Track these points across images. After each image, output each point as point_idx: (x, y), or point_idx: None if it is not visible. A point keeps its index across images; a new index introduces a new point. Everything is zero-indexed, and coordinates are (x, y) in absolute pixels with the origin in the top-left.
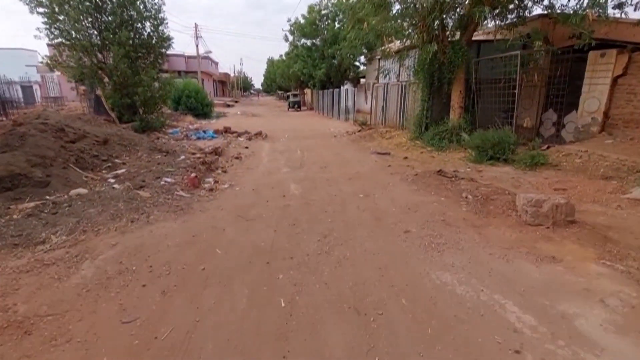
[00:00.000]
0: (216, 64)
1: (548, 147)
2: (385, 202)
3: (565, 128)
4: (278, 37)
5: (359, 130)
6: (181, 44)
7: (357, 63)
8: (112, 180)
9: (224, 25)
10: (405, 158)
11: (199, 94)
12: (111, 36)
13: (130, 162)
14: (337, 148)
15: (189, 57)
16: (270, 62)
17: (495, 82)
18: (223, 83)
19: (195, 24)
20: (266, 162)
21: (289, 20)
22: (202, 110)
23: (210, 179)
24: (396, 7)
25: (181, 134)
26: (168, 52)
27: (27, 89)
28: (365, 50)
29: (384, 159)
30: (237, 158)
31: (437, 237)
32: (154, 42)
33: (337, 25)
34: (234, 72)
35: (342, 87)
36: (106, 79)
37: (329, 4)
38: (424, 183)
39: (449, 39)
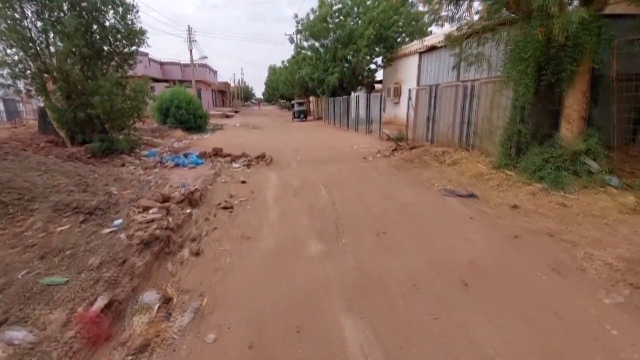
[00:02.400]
0: (215, 72)
1: None
2: None
3: None
4: (279, 41)
5: (394, 149)
6: (177, 53)
7: (372, 66)
8: None
9: (225, 36)
10: (515, 207)
11: (190, 104)
12: (53, 24)
13: None
14: (380, 182)
15: (185, 65)
16: (272, 70)
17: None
18: (223, 93)
19: (189, 26)
20: (275, 220)
21: (296, 16)
22: (194, 122)
23: (152, 296)
24: None
25: (158, 157)
26: (163, 60)
27: (9, 102)
28: (383, 50)
29: (479, 211)
30: (225, 209)
31: None
32: (119, 36)
33: (351, 23)
34: (234, 81)
35: (354, 94)
36: (54, 86)
37: None
38: None
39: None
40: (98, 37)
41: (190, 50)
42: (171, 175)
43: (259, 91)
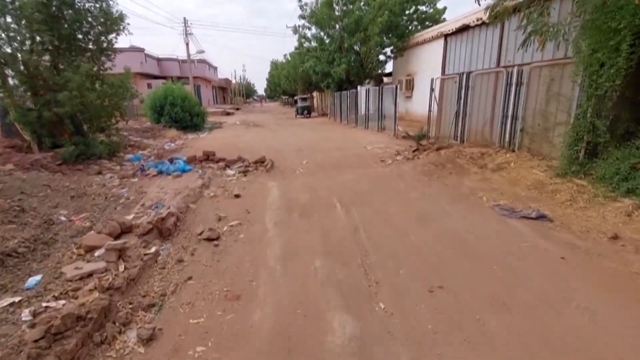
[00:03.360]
0: (215, 68)
1: None
2: None
3: None
4: (281, 33)
5: (416, 150)
6: (174, 46)
7: (381, 57)
8: None
9: (226, 30)
10: (615, 238)
11: (186, 101)
12: (13, 7)
13: None
14: (411, 195)
15: (183, 61)
16: (274, 65)
17: None
18: (223, 89)
19: (185, 18)
20: (276, 263)
21: (300, 0)
22: (191, 121)
23: None
24: None
25: (140, 163)
26: (160, 56)
27: None
28: (395, 39)
29: (566, 244)
30: (209, 240)
31: None
32: (94, 22)
33: (357, 12)
34: (235, 78)
35: (361, 87)
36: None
37: None
38: None
39: None
40: (67, 22)
41: (187, 44)
42: (150, 186)
43: (260, 87)
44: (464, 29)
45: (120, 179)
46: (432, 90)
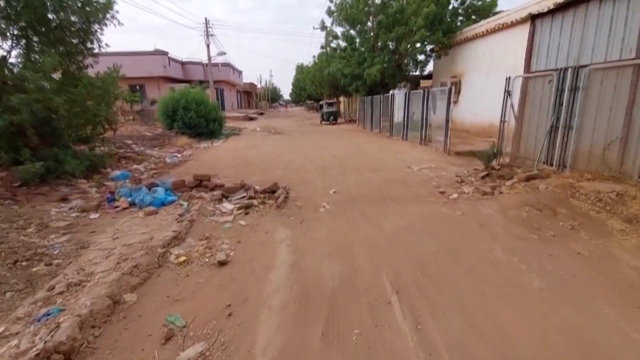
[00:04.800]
0: (240, 72)
1: None
2: None
3: None
4: (308, 34)
5: (486, 175)
6: (196, 48)
7: (420, 56)
8: None
9: (254, 38)
10: None
11: (201, 105)
12: None
13: None
14: (528, 280)
15: (208, 64)
16: (300, 69)
17: None
18: (248, 94)
19: (206, 18)
20: None
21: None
22: (206, 127)
23: None
24: None
25: (114, 188)
26: (184, 59)
27: None
28: (441, 35)
29: None
30: None
31: None
32: (69, 7)
33: (393, 3)
34: (261, 82)
35: (394, 91)
36: None
37: None
38: None
39: None
40: (34, 4)
41: (208, 46)
42: (104, 232)
43: (286, 92)
44: (568, 4)
45: (80, 212)
46: (507, 93)
